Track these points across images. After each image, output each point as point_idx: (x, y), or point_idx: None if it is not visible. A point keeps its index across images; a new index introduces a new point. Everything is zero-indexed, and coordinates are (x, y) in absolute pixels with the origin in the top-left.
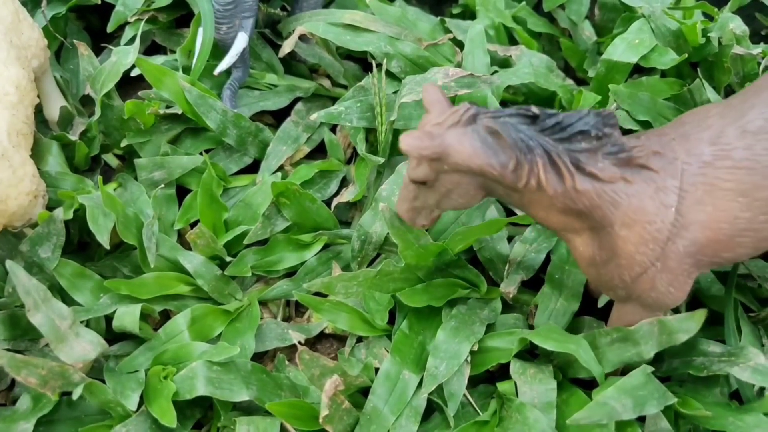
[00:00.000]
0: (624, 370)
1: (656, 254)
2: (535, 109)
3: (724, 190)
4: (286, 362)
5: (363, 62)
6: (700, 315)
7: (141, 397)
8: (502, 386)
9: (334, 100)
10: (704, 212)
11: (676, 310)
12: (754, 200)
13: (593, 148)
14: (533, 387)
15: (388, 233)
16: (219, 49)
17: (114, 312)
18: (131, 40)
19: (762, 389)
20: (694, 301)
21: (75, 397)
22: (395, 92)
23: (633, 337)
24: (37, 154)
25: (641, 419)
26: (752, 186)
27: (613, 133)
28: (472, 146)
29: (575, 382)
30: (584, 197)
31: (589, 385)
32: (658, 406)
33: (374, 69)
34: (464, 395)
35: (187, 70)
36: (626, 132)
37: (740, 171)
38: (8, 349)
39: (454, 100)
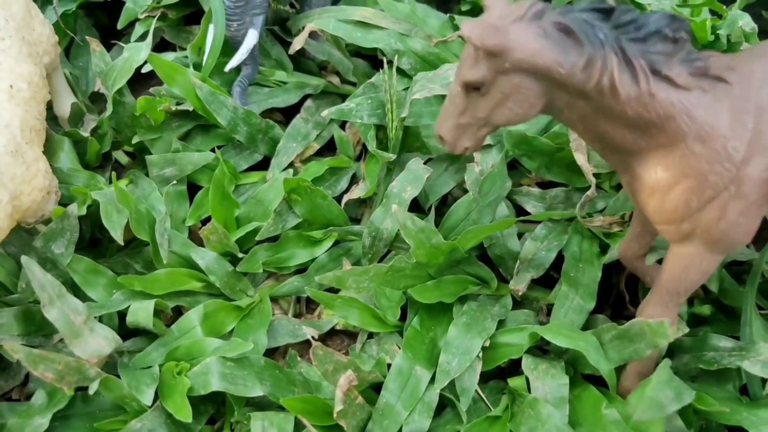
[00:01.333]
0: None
1: (731, 176)
2: (610, 1)
3: None
4: (298, 358)
5: (372, 59)
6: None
7: (155, 393)
8: (513, 382)
9: (343, 97)
10: None
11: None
12: None
13: (669, 51)
14: (545, 382)
15: (398, 230)
16: (229, 46)
17: (127, 308)
18: (142, 37)
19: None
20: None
21: (92, 391)
22: (405, 89)
23: (628, 335)
24: (48, 150)
25: None
26: None
27: (687, 40)
28: (538, 42)
29: (586, 378)
30: (658, 104)
31: (599, 381)
32: (689, 398)
33: (385, 66)
34: (476, 391)
35: (197, 66)
36: None
37: None
38: (23, 345)
39: None
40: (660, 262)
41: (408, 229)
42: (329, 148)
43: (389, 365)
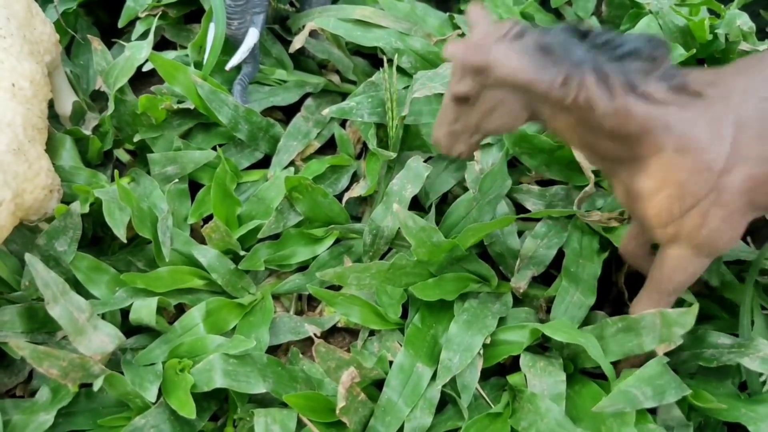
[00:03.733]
0: (636, 364)
1: (710, 185)
2: (586, 25)
3: None
4: (300, 355)
5: (372, 58)
6: (693, 309)
7: (159, 389)
8: (513, 379)
9: (343, 95)
10: (761, 147)
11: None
12: None
13: (646, 69)
14: (543, 380)
15: (399, 228)
16: (230, 45)
17: (130, 305)
18: (143, 36)
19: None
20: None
21: (96, 388)
22: (405, 88)
23: (636, 326)
24: (50, 148)
25: (652, 411)
26: None
27: (666, 59)
28: (519, 60)
29: (586, 374)
30: (635, 119)
31: (599, 377)
32: (676, 396)
33: (385, 64)
34: (476, 388)
35: (198, 65)
36: None
37: None
38: (27, 342)
39: None
40: None
41: (409, 228)
42: (330, 146)
43: (391, 362)
